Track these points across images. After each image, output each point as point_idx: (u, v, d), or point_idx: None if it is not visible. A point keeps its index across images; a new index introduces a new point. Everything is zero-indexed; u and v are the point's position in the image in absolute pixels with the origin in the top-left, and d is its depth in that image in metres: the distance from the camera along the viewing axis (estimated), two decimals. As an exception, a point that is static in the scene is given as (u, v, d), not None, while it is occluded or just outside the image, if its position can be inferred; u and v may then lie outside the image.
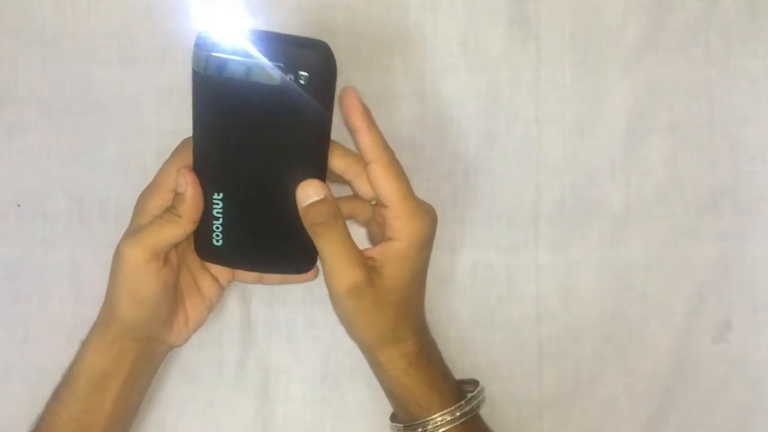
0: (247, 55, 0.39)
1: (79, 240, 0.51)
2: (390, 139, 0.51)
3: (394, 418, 0.49)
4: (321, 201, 0.43)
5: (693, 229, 0.53)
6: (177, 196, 0.44)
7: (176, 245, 0.45)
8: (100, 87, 0.51)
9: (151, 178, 0.51)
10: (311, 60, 0.40)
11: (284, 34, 0.40)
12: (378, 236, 0.46)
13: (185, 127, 0.51)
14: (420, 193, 0.46)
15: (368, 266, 0.43)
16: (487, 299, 0.52)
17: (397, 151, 0.51)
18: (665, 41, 0.53)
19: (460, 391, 0.46)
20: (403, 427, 0.46)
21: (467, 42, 0.52)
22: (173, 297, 0.46)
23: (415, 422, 0.45)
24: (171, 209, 0.44)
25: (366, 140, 0.44)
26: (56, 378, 0.47)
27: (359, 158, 0.44)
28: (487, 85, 0.52)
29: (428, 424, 0.45)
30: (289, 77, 0.40)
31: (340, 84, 0.48)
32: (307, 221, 0.43)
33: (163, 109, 0.51)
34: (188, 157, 0.44)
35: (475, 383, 0.47)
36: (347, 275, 0.43)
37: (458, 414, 0.45)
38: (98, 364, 0.45)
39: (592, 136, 0.52)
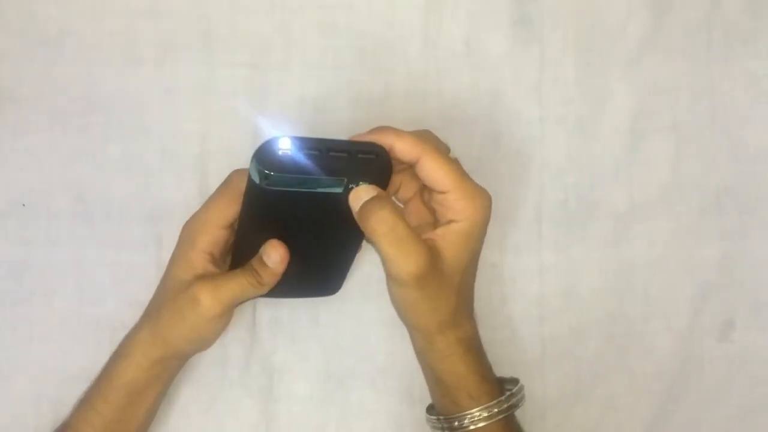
0: (310, 172, 0.39)
1: (83, 239, 0.51)
2: (393, 139, 0.52)
3: (431, 410, 0.48)
4: (374, 197, 0.41)
5: (695, 228, 0.53)
6: (264, 266, 0.44)
7: None
8: (104, 87, 0.51)
9: (154, 178, 0.51)
10: (373, 169, 0.41)
11: (344, 140, 0.41)
12: (429, 220, 0.46)
13: (188, 127, 0.51)
14: (423, 193, 0.46)
15: (431, 251, 0.42)
16: (491, 299, 0.52)
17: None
18: (667, 42, 0.53)
19: (501, 384, 0.46)
20: (445, 418, 0.45)
21: (470, 43, 0.52)
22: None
23: (462, 413, 0.44)
24: (255, 274, 0.44)
25: (402, 146, 0.42)
26: (61, 377, 0.48)
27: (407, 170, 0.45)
28: (490, 85, 0.52)
29: (475, 416, 0.44)
30: (351, 187, 0.41)
31: (342, 83, 0.48)
32: (360, 214, 0.42)
33: (166, 109, 0.51)
34: (238, 192, 0.43)
35: (514, 381, 0.47)
36: (411, 262, 0.41)
37: (505, 406, 0.45)
38: (141, 380, 0.45)
39: (595, 136, 0.53)
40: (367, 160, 0.41)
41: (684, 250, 0.53)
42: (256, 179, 0.39)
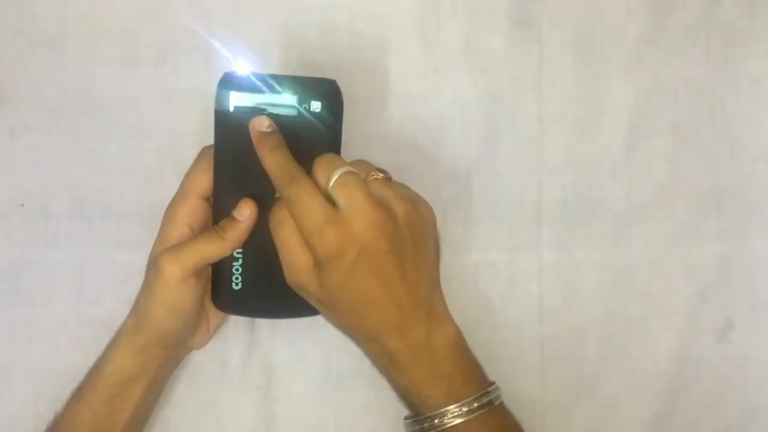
0: (266, 90, 0.45)
1: (81, 240, 0.51)
2: (392, 139, 0.52)
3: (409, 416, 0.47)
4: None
5: (694, 229, 0.53)
6: (231, 220, 0.45)
7: None
8: (103, 87, 0.51)
9: (153, 178, 0.51)
10: (321, 92, 0.45)
11: (297, 75, 0.46)
12: None
13: (187, 127, 0.51)
14: (422, 194, 0.46)
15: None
16: (490, 299, 0.52)
17: (399, 152, 0.52)
18: (666, 42, 0.53)
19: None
20: (422, 418, 0.45)
21: (469, 42, 0.52)
22: (203, 306, 0.48)
23: (436, 412, 0.44)
24: (218, 229, 0.45)
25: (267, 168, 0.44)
26: (59, 377, 0.47)
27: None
28: (489, 85, 0.52)
29: (447, 414, 0.44)
30: (304, 107, 0.45)
31: (342, 83, 0.48)
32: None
33: (164, 109, 0.51)
34: (209, 160, 0.46)
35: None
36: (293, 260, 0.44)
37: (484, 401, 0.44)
38: (126, 369, 0.46)
39: (594, 136, 0.53)
40: (318, 86, 0.45)
41: (683, 249, 0.53)
42: (218, 104, 0.44)
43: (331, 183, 0.43)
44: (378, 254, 0.43)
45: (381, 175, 0.45)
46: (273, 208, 0.44)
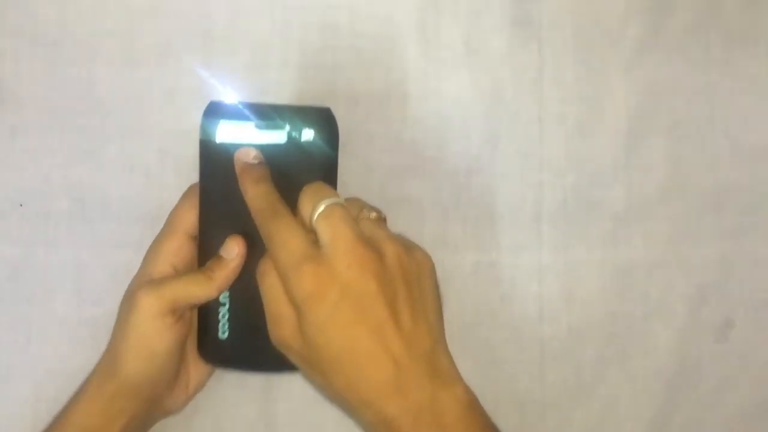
0: (254, 120, 0.42)
1: (81, 240, 0.51)
2: (392, 139, 0.52)
3: None
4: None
5: (694, 229, 0.53)
6: (218, 260, 0.42)
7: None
8: (103, 87, 0.51)
9: (154, 179, 0.51)
10: (315, 121, 0.42)
11: (289, 104, 0.44)
12: None
13: (187, 127, 0.51)
14: (422, 194, 0.46)
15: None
16: (490, 299, 0.52)
17: (399, 151, 0.52)
18: (666, 42, 0.53)
19: None
20: None
21: (470, 42, 0.52)
22: (183, 354, 0.44)
23: None
24: (205, 269, 0.42)
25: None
26: (59, 377, 0.47)
27: None
28: (489, 85, 0.52)
29: None
30: (295, 137, 0.42)
31: (342, 83, 0.48)
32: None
33: (165, 109, 0.51)
34: (196, 197, 0.44)
35: None
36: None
37: None
38: (91, 423, 0.42)
39: (594, 136, 0.53)
40: (310, 113, 0.42)
41: (683, 250, 0.53)
42: (203, 134, 0.42)
43: (316, 215, 0.39)
44: (364, 296, 0.38)
45: (374, 214, 0.41)
46: (262, 258, 0.40)
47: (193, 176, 0.51)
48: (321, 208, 0.39)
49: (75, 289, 0.51)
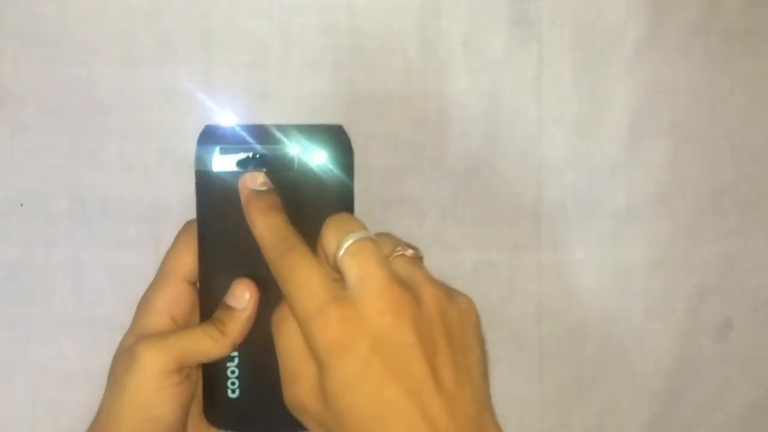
0: (256, 144, 0.37)
1: (81, 240, 0.51)
2: (392, 139, 0.52)
3: None
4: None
5: (694, 228, 0.53)
6: (229, 310, 0.36)
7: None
8: (102, 87, 0.51)
9: (153, 178, 0.51)
10: (326, 141, 0.37)
11: (295, 124, 0.38)
12: None
13: (187, 127, 0.51)
14: (421, 194, 0.46)
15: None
16: (489, 299, 0.52)
17: (398, 151, 0.52)
18: (666, 41, 0.53)
19: None
20: None
21: (469, 42, 0.52)
22: (187, 417, 0.38)
23: None
24: (216, 323, 0.36)
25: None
26: (59, 377, 0.47)
27: None
28: (488, 85, 0.52)
29: None
30: (305, 161, 0.37)
31: (342, 83, 0.48)
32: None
33: (165, 109, 0.51)
34: (194, 235, 0.39)
35: None
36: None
37: None
38: None
39: (594, 135, 0.53)
40: (318, 128, 0.37)
41: (682, 249, 0.53)
42: (199, 164, 0.37)
43: (342, 251, 0.33)
44: (400, 348, 0.31)
45: (410, 251, 0.35)
46: (278, 305, 0.35)
47: (191, 176, 0.51)
48: (348, 242, 0.33)
49: (74, 289, 0.51)
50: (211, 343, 0.36)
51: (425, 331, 0.32)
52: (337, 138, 0.38)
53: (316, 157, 0.37)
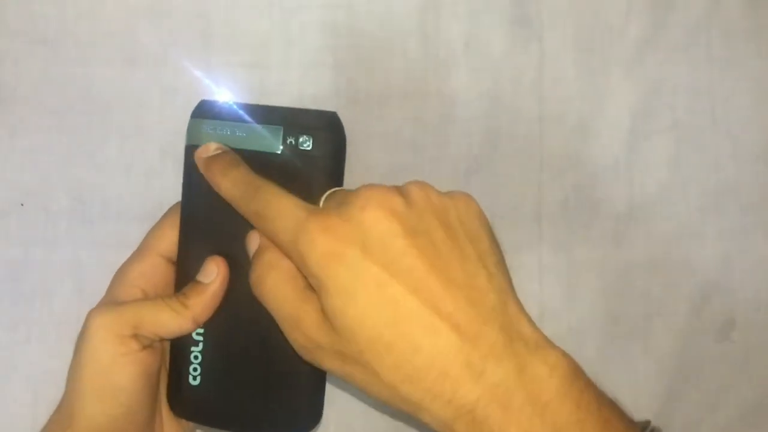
0: (246, 121, 0.37)
1: (81, 240, 0.51)
2: (392, 139, 0.52)
3: None
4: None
5: (696, 228, 0.53)
6: (195, 284, 0.35)
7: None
8: (103, 86, 0.51)
9: (153, 178, 0.51)
10: (318, 124, 0.37)
11: (291, 107, 0.38)
12: None
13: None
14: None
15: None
16: (490, 299, 0.52)
17: (398, 151, 0.52)
18: (667, 41, 0.53)
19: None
20: None
21: (470, 42, 0.52)
22: (155, 394, 0.36)
23: None
24: (180, 296, 0.35)
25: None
26: (59, 377, 0.47)
27: None
28: (489, 84, 0.52)
29: None
30: (290, 141, 0.36)
31: (342, 83, 0.48)
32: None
33: (165, 108, 0.51)
34: (177, 217, 0.39)
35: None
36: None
37: None
38: None
39: (595, 135, 0.52)
40: (311, 116, 0.37)
41: (684, 249, 0.53)
42: (189, 138, 0.37)
43: (321, 201, 0.33)
44: (388, 242, 0.29)
45: None
46: (253, 261, 0.33)
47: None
48: (326, 194, 0.34)
49: (74, 288, 0.51)
50: (172, 314, 0.34)
51: (415, 223, 0.30)
52: (330, 124, 0.38)
53: (307, 139, 0.36)
